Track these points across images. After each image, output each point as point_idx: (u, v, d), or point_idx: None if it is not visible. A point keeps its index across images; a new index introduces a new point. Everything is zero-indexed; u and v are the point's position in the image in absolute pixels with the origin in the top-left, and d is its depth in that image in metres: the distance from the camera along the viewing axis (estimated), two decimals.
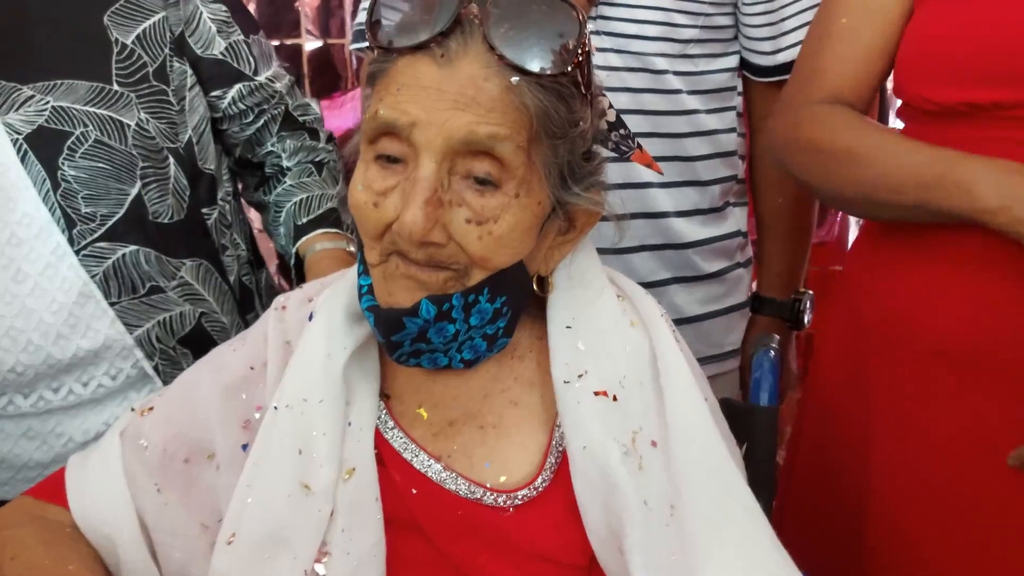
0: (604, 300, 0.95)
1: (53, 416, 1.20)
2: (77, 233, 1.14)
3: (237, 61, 1.31)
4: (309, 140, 1.42)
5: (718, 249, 1.54)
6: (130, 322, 1.18)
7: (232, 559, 0.88)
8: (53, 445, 1.21)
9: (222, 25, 1.30)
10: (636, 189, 1.45)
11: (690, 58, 1.45)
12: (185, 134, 1.23)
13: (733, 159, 1.55)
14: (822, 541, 1.26)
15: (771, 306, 1.59)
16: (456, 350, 0.90)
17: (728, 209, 1.56)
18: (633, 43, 1.42)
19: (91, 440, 1.20)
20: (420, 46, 0.82)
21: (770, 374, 1.18)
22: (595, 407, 0.90)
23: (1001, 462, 1.08)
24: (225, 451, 0.94)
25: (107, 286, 1.16)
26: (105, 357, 1.18)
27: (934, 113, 1.13)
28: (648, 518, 0.86)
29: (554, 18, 0.84)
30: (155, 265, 1.20)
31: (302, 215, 1.37)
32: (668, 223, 1.48)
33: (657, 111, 1.45)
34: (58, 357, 1.15)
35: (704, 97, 1.48)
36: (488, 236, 0.83)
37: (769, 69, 1.49)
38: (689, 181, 1.49)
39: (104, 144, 1.16)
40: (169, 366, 1.22)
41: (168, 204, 1.21)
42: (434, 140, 0.81)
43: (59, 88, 1.16)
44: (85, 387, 1.19)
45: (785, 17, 1.46)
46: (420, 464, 0.93)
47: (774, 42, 1.47)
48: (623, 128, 0.96)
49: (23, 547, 0.91)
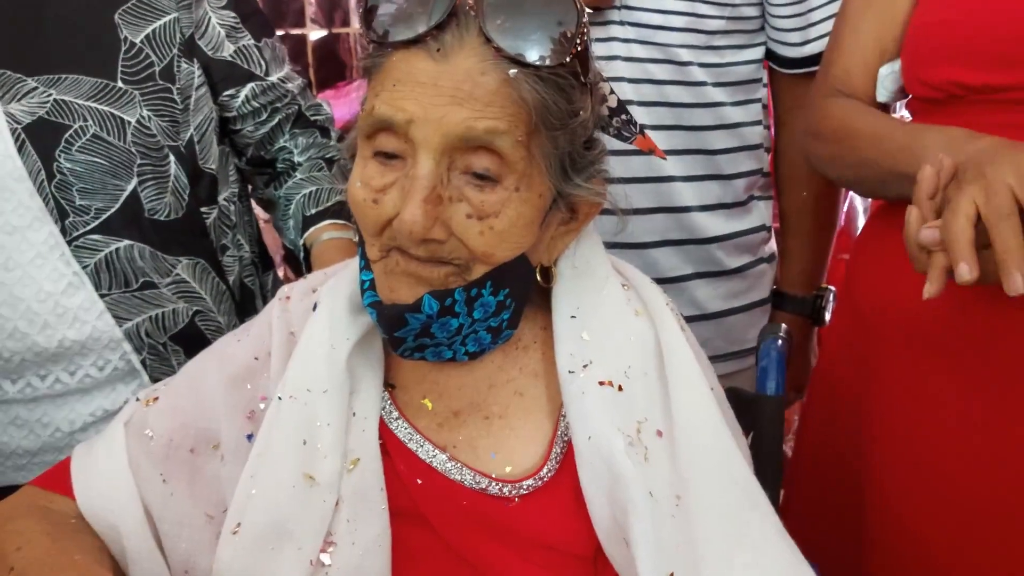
0: (609, 289, 0.95)
1: (40, 405, 1.22)
2: (70, 224, 1.16)
3: (248, 63, 1.32)
4: (320, 138, 1.43)
5: (741, 244, 1.53)
6: (120, 315, 1.20)
7: (237, 549, 0.88)
8: (40, 434, 1.23)
9: (231, 31, 1.31)
10: (658, 183, 1.44)
11: (715, 49, 1.44)
12: (187, 133, 1.24)
13: (758, 152, 1.54)
14: (827, 531, 1.27)
15: (792, 303, 1.57)
16: (460, 343, 0.89)
17: (752, 203, 1.55)
18: (658, 34, 1.40)
19: (78, 430, 1.23)
20: (415, 40, 0.81)
21: (776, 363, 1.18)
22: (600, 397, 0.90)
23: (1001, 455, 1.08)
24: (230, 441, 0.94)
25: (98, 278, 1.18)
26: (93, 348, 1.20)
27: (935, 100, 1.13)
28: (653, 509, 0.86)
29: (551, 7, 0.83)
30: (149, 261, 1.21)
31: (311, 206, 1.38)
32: (690, 217, 1.47)
33: (681, 103, 1.44)
34: (44, 345, 1.17)
35: (729, 89, 1.47)
36: (490, 231, 0.82)
37: (797, 61, 1.47)
38: (712, 175, 1.48)
39: (102, 139, 1.17)
40: (157, 362, 1.23)
41: (166, 202, 1.22)
42: (432, 137, 0.80)
43: (63, 82, 1.18)
44: (72, 376, 1.20)
45: (813, 8, 1.44)
46: (425, 454, 0.93)
47: (802, 33, 1.45)
48: (624, 114, 0.95)
49: (29, 538, 0.91)
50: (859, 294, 1.25)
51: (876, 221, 1.27)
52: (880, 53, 1.21)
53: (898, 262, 1.17)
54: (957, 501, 1.14)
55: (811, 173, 1.47)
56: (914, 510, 1.16)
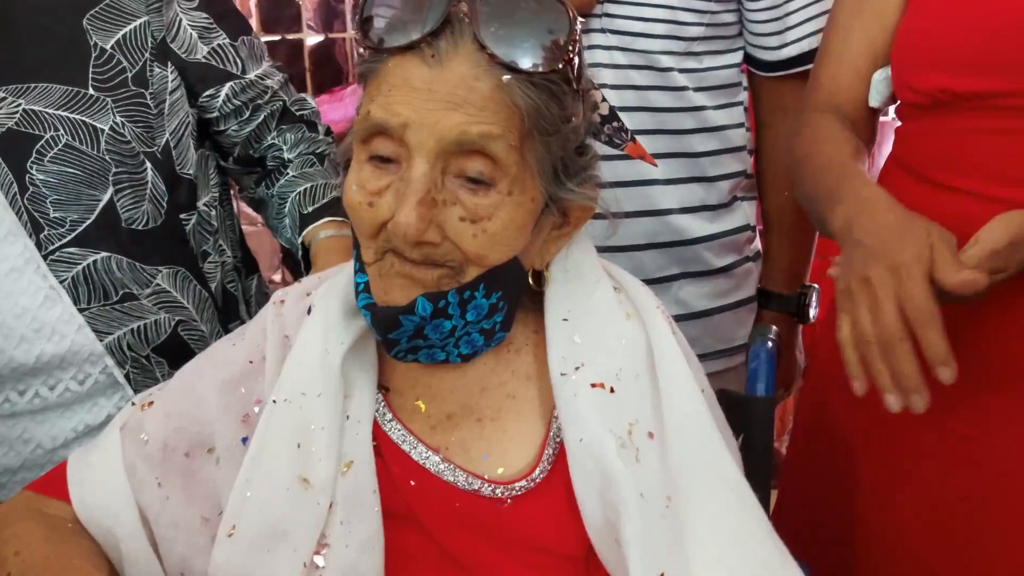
0: (600, 293, 0.96)
1: (20, 421, 1.19)
2: (44, 238, 1.13)
3: (223, 63, 1.30)
4: (308, 132, 1.41)
5: (726, 244, 1.54)
6: (100, 329, 1.17)
7: (232, 552, 0.88)
8: (21, 451, 1.20)
9: (203, 31, 1.29)
10: (640, 187, 1.45)
11: (696, 55, 1.45)
12: (162, 138, 1.21)
13: (741, 154, 1.55)
14: (820, 532, 1.27)
15: (777, 301, 1.58)
16: (453, 345, 0.90)
17: (736, 204, 1.56)
18: (639, 41, 1.41)
19: (60, 447, 1.20)
20: (410, 46, 0.82)
21: (767, 365, 1.19)
22: (592, 399, 0.91)
23: (996, 459, 1.09)
24: (225, 445, 0.95)
25: (76, 292, 1.15)
26: (72, 362, 1.17)
27: (924, 107, 1.13)
28: (644, 510, 0.86)
29: (544, 15, 0.84)
30: (128, 272, 1.18)
31: (307, 204, 1.35)
32: (672, 220, 1.48)
33: (663, 108, 1.45)
34: (21, 360, 1.14)
35: (711, 93, 1.48)
36: (483, 234, 0.83)
37: (775, 64, 1.48)
38: (695, 177, 1.49)
39: (74, 149, 1.15)
40: (141, 375, 1.20)
41: (144, 210, 1.19)
42: (426, 141, 0.81)
43: (33, 91, 1.15)
44: (52, 391, 1.18)
45: (789, 12, 1.45)
46: (418, 456, 0.93)
47: (779, 37, 1.46)
48: (616, 121, 0.96)
49: (27, 542, 0.91)
50: None
51: None
52: (872, 59, 1.21)
53: None
54: (949, 502, 1.14)
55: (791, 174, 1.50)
56: (909, 513, 1.17)
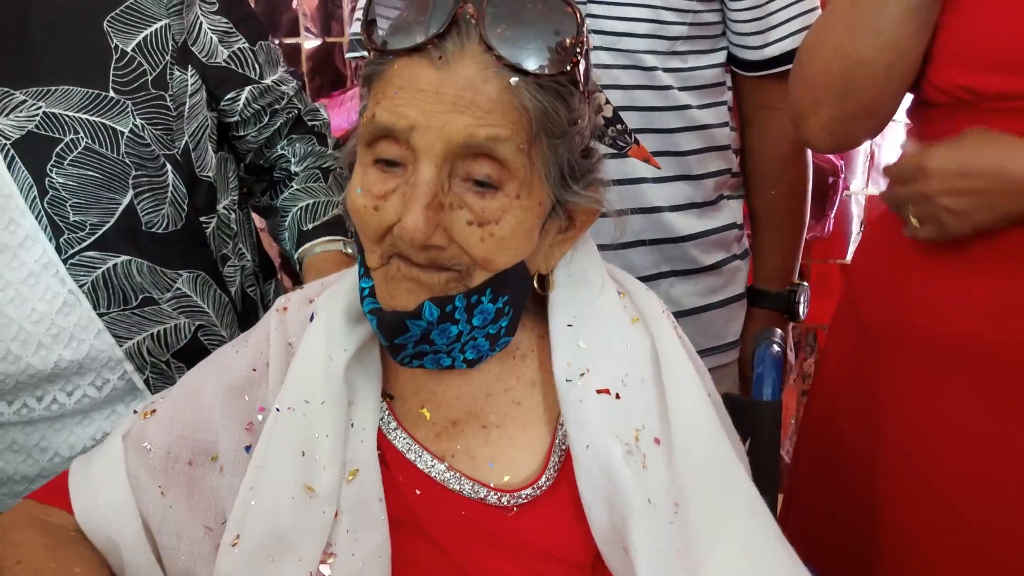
0: (605, 297, 0.95)
1: (38, 428, 1.18)
2: (64, 242, 1.13)
3: (243, 67, 1.31)
4: (318, 145, 1.42)
5: (715, 241, 1.55)
6: (120, 334, 1.16)
7: (236, 561, 0.88)
8: (39, 459, 1.19)
9: (223, 36, 1.29)
10: (629, 185, 1.45)
11: (679, 55, 1.46)
12: (182, 141, 1.22)
13: (727, 153, 1.55)
14: (829, 537, 1.26)
15: (767, 298, 1.60)
16: (459, 351, 0.89)
17: (722, 202, 1.57)
18: (623, 41, 1.42)
19: (77, 455, 1.16)
20: (416, 48, 0.81)
21: (772, 369, 1.18)
22: (598, 405, 0.90)
23: (1009, 462, 1.08)
24: (228, 453, 0.94)
25: (96, 296, 1.14)
26: (91, 368, 1.16)
27: (943, 105, 1.11)
28: (652, 516, 0.86)
29: (551, 16, 0.83)
30: (148, 277, 1.18)
31: (307, 221, 1.36)
32: (662, 217, 1.48)
33: (650, 107, 1.45)
34: (38, 367, 1.13)
35: (696, 92, 1.49)
36: (490, 238, 0.82)
37: (758, 64, 1.49)
38: (682, 175, 1.49)
39: (95, 152, 1.15)
40: (160, 380, 1.19)
41: (164, 213, 1.19)
42: (433, 144, 0.80)
43: (53, 94, 1.15)
44: (69, 396, 1.17)
45: (771, 12, 1.45)
46: (424, 464, 0.93)
47: (762, 36, 1.47)
48: (620, 123, 0.95)
49: (28, 551, 0.91)
50: (863, 306, 1.25)
51: (877, 229, 1.27)
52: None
53: (905, 275, 1.17)
54: (963, 511, 1.13)
55: (780, 171, 1.51)
56: (922, 517, 1.16)
